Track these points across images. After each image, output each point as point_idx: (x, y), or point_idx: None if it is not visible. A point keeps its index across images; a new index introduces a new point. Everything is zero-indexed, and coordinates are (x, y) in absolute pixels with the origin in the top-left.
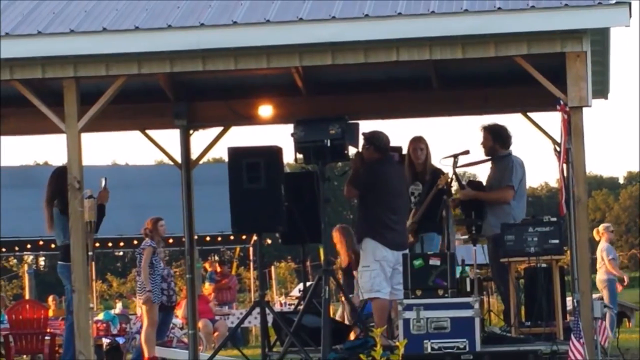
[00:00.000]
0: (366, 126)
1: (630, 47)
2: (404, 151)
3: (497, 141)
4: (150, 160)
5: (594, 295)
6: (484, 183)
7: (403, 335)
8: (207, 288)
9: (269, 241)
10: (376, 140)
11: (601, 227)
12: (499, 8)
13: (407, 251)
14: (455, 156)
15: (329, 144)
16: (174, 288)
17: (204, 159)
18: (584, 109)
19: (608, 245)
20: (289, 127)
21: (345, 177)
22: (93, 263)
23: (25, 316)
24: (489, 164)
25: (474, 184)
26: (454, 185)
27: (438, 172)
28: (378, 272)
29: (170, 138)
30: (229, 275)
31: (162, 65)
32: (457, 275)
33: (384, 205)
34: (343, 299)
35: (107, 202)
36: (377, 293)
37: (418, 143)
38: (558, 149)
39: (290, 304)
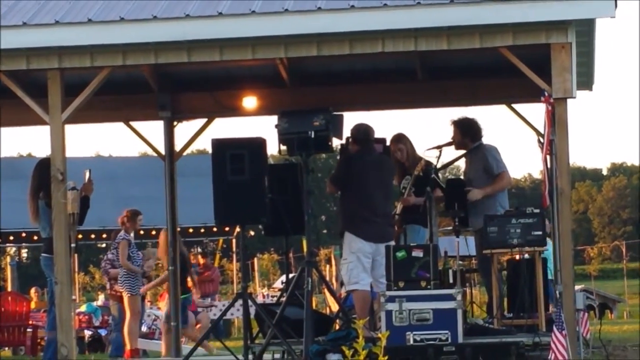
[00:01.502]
0: (351, 118)
1: (616, 39)
2: (389, 142)
3: (466, 135)
4: (134, 151)
5: (577, 287)
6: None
7: (385, 326)
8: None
9: (252, 233)
10: (355, 132)
11: None
12: None
13: (390, 243)
14: (440, 147)
15: (313, 136)
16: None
17: (188, 151)
18: (569, 100)
19: None
20: (273, 119)
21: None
22: (76, 255)
23: (7, 308)
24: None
25: (454, 182)
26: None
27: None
28: (355, 264)
29: (154, 129)
30: (211, 267)
31: (147, 57)
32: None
33: (360, 197)
34: (325, 290)
35: (91, 194)
36: (355, 285)
37: (396, 144)
38: (542, 140)
39: (272, 296)
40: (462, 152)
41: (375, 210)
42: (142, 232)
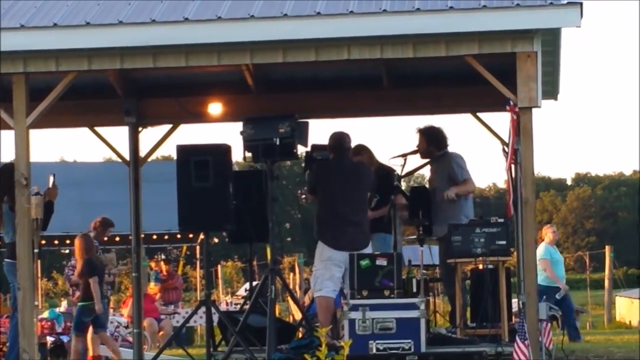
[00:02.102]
0: (316, 125)
1: (581, 48)
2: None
3: (431, 144)
4: (99, 157)
5: None
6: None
7: (348, 335)
8: (153, 288)
9: (216, 240)
10: (329, 140)
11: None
12: (451, 7)
13: (364, 251)
14: (405, 155)
15: (278, 143)
16: None
17: (153, 157)
18: (534, 109)
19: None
20: (238, 125)
21: None
22: (39, 261)
23: None
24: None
25: (418, 189)
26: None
27: (388, 170)
28: (322, 272)
29: (118, 135)
30: (175, 275)
31: (112, 62)
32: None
33: (331, 206)
34: (289, 298)
35: (55, 199)
36: (319, 292)
37: (354, 157)
38: (506, 149)
39: (236, 304)
40: (427, 160)
41: (347, 219)
42: (105, 238)
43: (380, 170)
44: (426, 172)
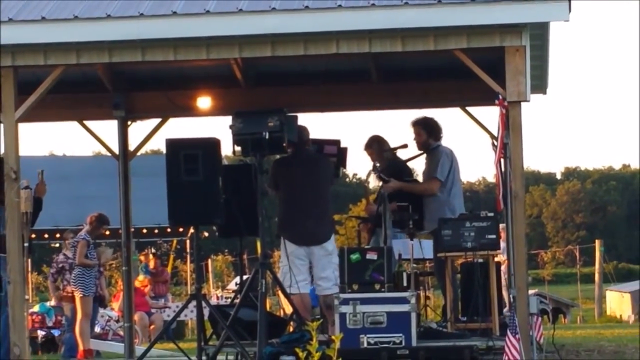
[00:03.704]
0: (305, 119)
1: (570, 42)
2: (343, 144)
3: (431, 135)
4: (88, 151)
5: (530, 291)
6: (421, 178)
7: (339, 329)
8: (141, 280)
9: (206, 234)
10: None
11: None
12: (439, 1)
13: (324, 244)
14: (394, 150)
15: (267, 137)
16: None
17: (142, 151)
18: (523, 103)
19: None
20: (228, 119)
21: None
22: (29, 255)
23: None
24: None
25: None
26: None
27: (402, 162)
28: (287, 268)
29: (108, 129)
30: (163, 270)
31: (101, 55)
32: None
33: (289, 201)
34: (280, 292)
35: (44, 196)
36: (290, 289)
37: (366, 149)
38: (496, 143)
39: (226, 298)
40: (420, 152)
41: (306, 212)
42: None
43: (393, 162)
44: (417, 165)
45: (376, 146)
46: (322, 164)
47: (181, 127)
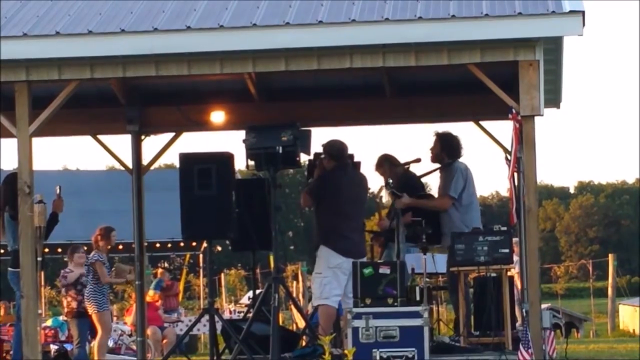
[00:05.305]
0: (318, 133)
1: (583, 56)
2: (357, 158)
3: (444, 149)
4: (102, 165)
5: (543, 305)
6: (435, 193)
7: (352, 343)
8: (152, 295)
9: (219, 248)
10: (329, 148)
11: None
12: (453, 16)
13: (363, 259)
14: (407, 164)
15: (280, 151)
16: None
17: (155, 165)
18: (536, 117)
19: None
20: (241, 134)
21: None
22: (42, 270)
23: None
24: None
25: (421, 198)
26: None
27: (413, 176)
28: (330, 279)
29: (121, 143)
30: (174, 284)
31: (114, 70)
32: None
33: (338, 213)
34: (292, 307)
35: (61, 212)
36: (325, 300)
37: (377, 169)
38: (509, 157)
39: (239, 312)
40: (437, 166)
41: (351, 226)
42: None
43: (405, 176)
44: (431, 180)
45: (387, 165)
46: (363, 181)
47: (195, 142)
